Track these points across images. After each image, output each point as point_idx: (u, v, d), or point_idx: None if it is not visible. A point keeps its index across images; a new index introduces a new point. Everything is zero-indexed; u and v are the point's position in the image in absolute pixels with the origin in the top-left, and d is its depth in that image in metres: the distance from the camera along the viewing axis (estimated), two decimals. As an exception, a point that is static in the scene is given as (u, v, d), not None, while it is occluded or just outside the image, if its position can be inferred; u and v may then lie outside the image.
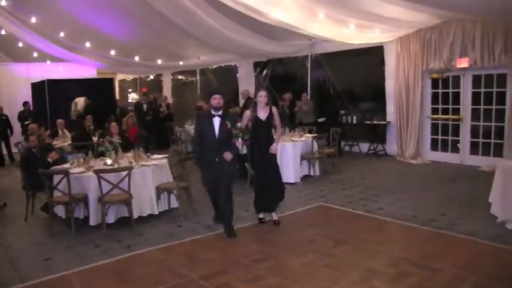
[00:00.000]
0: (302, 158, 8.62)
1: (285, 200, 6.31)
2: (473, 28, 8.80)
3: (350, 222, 6.05)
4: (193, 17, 9.50)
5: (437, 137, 10.16)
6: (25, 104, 14.32)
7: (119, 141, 6.84)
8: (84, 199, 6.12)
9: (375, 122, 11.35)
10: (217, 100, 5.38)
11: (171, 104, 16.15)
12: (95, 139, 9.64)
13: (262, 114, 5.78)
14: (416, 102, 10.02)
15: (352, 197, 7.32)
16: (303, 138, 8.99)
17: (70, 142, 9.98)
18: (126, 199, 5.93)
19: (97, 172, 5.76)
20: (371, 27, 9.45)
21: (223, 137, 5.39)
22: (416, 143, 10.12)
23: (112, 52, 14.72)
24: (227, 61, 15.47)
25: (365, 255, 4.83)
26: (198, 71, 17.55)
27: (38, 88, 14.95)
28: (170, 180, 6.92)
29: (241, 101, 14.07)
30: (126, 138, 7.90)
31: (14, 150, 11.77)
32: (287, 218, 6.22)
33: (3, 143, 12.96)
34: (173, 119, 15.22)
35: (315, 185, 8.24)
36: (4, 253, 5.47)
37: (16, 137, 12.75)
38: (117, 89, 21.30)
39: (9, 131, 13.18)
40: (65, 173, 5.86)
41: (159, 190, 6.56)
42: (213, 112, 5.41)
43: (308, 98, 12.27)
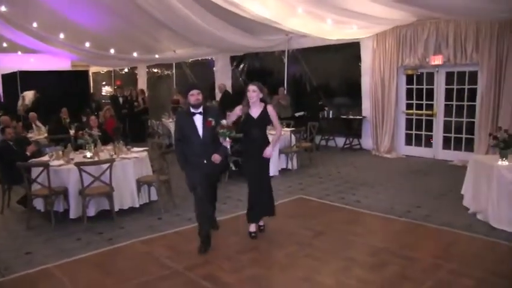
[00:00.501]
0: (280, 152, 8.73)
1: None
2: (446, 26, 9.07)
3: (329, 214, 6.19)
4: (170, 9, 9.45)
5: (411, 132, 10.43)
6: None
7: (99, 133, 6.78)
8: (64, 192, 6.06)
9: (351, 117, 11.56)
10: (195, 97, 4.75)
11: (146, 98, 16.03)
12: (72, 132, 9.51)
13: (254, 111, 5.03)
14: (391, 97, 10.26)
15: (329, 190, 7.47)
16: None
17: (46, 135, 9.81)
18: (107, 192, 5.92)
19: (78, 165, 5.72)
20: (348, 23, 9.59)
21: (209, 136, 4.79)
22: (391, 138, 10.37)
23: (87, 44, 14.50)
24: (204, 55, 15.40)
25: (345, 245, 4.98)
26: (174, 65, 17.43)
27: (9, 79, 14.59)
28: (150, 173, 6.93)
29: (218, 95, 14.11)
30: (104, 131, 7.84)
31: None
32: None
33: None
34: (149, 113, 15.13)
35: (293, 178, 8.37)
36: (-18, 247, 5.39)
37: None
38: (90, 82, 20.93)
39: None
40: (45, 166, 5.79)
41: (140, 183, 6.55)
42: (193, 110, 4.80)
43: (285, 93, 12.39)
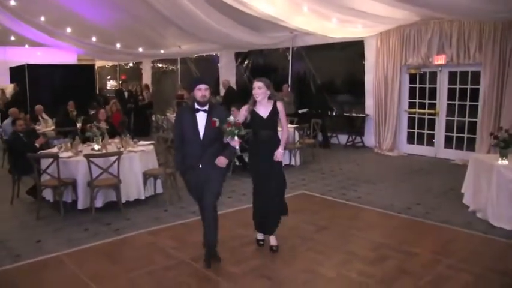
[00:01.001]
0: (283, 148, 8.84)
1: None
2: (450, 27, 9.16)
3: (331, 209, 6.32)
4: (177, 5, 9.55)
5: (413, 131, 10.53)
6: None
7: (107, 127, 6.92)
8: (72, 183, 6.20)
9: (354, 115, 11.68)
10: (202, 92, 4.22)
11: (151, 92, 16.18)
12: (78, 125, 9.65)
13: (263, 109, 4.57)
14: (394, 96, 10.36)
15: (332, 186, 7.60)
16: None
17: (53, 127, 9.96)
18: (115, 184, 6.06)
19: (87, 156, 5.85)
20: (353, 22, 9.70)
21: (209, 138, 4.27)
22: (393, 136, 10.48)
23: (93, 38, 14.63)
24: (208, 51, 15.53)
25: (346, 240, 5.11)
26: (179, 60, 17.56)
27: (17, 72, 14.74)
28: (156, 166, 7.07)
29: (222, 91, 14.23)
30: (111, 124, 7.97)
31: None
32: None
33: None
34: (153, 107, 15.29)
35: (296, 174, 8.49)
36: (-7, 235, 5.54)
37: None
38: (96, 76, 21.09)
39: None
40: (55, 157, 5.93)
41: (146, 176, 6.69)
42: (197, 106, 4.29)
43: (289, 90, 12.50)
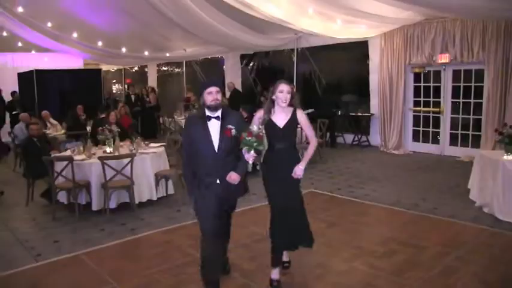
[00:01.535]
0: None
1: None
2: (453, 26, 9.29)
3: (339, 206, 6.46)
4: (183, 8, 9.67)
5: (418, 129, 10.66)
6: (13, 94, 14.32)
7: (118, 130, 7.08)
8: (86, 185, 6.36)
9: (359, 114, 11.81)
10: (213, 96, 3.62)
11: (157, 95, 16.36)
12: (88, 128, 9.81)
13: (280, 117, 3.93)
14: (399, 95, 10.49)
15: (339, 184, 7.73)
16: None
17: (64, 131, 10.14)
18: (128, 185, 6.21)
19: (102, 159, 6.01)
20: (357, 22, 9.83)
21: (226, 149, 3.68)
22: (398, 135, 10.60)
23: (99, 43, 14.82)
24: (214, 53, 15.70)
25: (356, 235, 5.25)
26: (184, 63, 17.73)
27: (25, 78, 14.95)
28: (167, 167, 7.22)
29: (227, 93, 14.37)
30: (122, 127, 8.13)
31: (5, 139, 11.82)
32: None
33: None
34: (160, 110, 15.47)
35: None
36: (12, 236, 5.70)
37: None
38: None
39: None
40: (70, 160, 6.09)
41: (158, 177, 6.84)
42: (208, 113, 3.69)
43: (294, 91, 12.60)
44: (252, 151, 3.59)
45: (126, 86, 20.24)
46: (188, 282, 4.14)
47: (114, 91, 21.78)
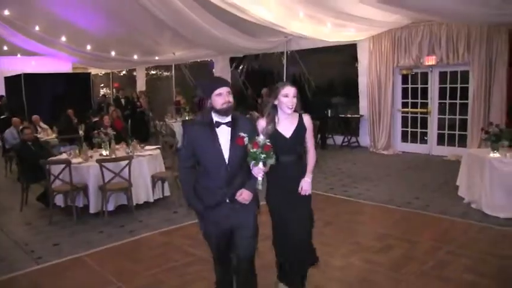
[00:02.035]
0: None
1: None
2: (439, 29, 9.55)
3: (335, 205, 6.61)
4: (173, 9, 9.71)
5: (407, 129, 10.88)
6: (0, 98, 14.23)
7: (114, 133, 7.14)
8: (84, 188, 6.41)
9: (349, 116, 12.01)
10: (224, 98, 3.09)
11: (147, 99, 16.39)
12: (80, 132, 9.83)
13: (286, 126, 3.47)
14: (387, 96, 10.71)
15: (333, 185, 7.89)
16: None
17: (55, 135, 10.14)
18: (126, 187, 6.29)
19: (100, 161, 6.08)
20: (346, 26, 10.03)
21: (236, 160, 3.16)
22: (387, 135, 10.82)
23: (88, 47, 14.81)
24: (203, 56, 15.75)
25: (352, 232, 5.41)
26: (173, 66, 17.77)
27: (13, 82, 14.87)
28: (163, 169, 7.30)
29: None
30: (117, 130, 8.19)
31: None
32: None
33: None
34: (150, 113, 15.50)
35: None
36: (10, 240, 5.73)
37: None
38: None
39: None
40: (67, 163, 6.14)
41: (154, 179, 6.92)
42: (217, 118, 3.16)
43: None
44: (260, 164, 3.13)
45: (114, 90, 20.21)
46: (192, 281, 4.24)
47: (103, 95, 21.71)
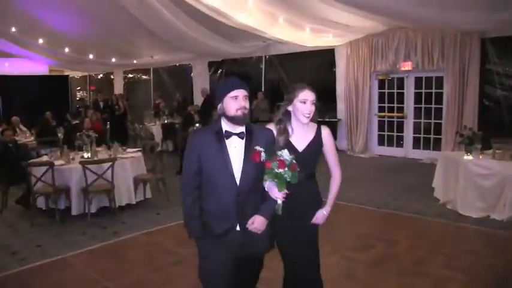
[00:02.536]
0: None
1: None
2: (415, 35, 9.87)
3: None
4: (152, 10, 9.69)
5: (384, 133, 11.19)
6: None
7: (96, 135, 7.14)
8: (66, 190, 6.39)
9: (327, 120, 12.23)
10: (239, 102, 2.58)
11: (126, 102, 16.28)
12: (60, 135, 9.75)
13: (299, 138, 2.93)
14: (364, 101, 10.98)
15: (312, 186, 8.02)
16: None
17: (33, 138, 10.03)
18: (109, 189, 6.30)
19: (83, 163, 6.08)
20: (325, 31, 10.27)
21: (251, 181, 2.66)
22: (365, 139, 11.09)
23: (66, 49, 14.66)
24: (181, 60, 15.79)
25: (333, 232, 5.52)
26: (152, 70, 17.73)
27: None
28: (145, 172, 7.32)
29: (199, 99, 14.34)
30: (97, 133, 8.16)
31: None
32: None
33: None
34: (128, 117, 15.40)
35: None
36: (-8, 242, 5.67)
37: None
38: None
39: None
40: (50, 165, 6.12)
41: (136, 181, 6.95)
42: (228, 127, 2.64)
43: (263, 97, 12.94)
44: (284, 188, 2.65)
45: (91, 93, 20.03)
46: (177, 279, 4.31)
47: (77, 98, 21.45)
